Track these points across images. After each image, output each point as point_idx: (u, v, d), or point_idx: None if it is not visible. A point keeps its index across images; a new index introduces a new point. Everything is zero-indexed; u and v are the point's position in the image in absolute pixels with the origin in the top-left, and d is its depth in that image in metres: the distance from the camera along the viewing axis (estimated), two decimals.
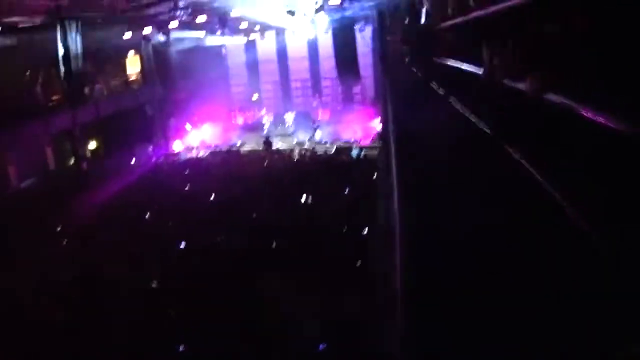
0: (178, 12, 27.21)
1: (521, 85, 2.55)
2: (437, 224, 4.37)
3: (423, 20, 10.08)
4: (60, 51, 23.62)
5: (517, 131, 3.03)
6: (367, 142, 31.38)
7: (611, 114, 1.63)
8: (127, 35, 28.74)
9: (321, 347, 11.20)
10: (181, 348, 12.19)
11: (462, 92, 5.83)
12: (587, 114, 1.80)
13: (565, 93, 2.05)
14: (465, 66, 4.92)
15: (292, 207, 20.33)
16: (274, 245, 16.65)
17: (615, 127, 1.60)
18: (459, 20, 5.78)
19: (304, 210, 19.70)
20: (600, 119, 1.69)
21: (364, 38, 31.93)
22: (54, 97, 26.63)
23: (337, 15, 30.41)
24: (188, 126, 36.07)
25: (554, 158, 2.56)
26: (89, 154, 29.66)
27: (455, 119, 6.22)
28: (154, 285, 15.25)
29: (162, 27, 30.32)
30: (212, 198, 22.47)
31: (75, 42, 24.38)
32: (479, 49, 4.27)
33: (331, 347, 11.37)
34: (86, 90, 27.72)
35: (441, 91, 8.12)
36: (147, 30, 29.91)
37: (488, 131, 3.86)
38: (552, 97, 2.18)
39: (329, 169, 25.19)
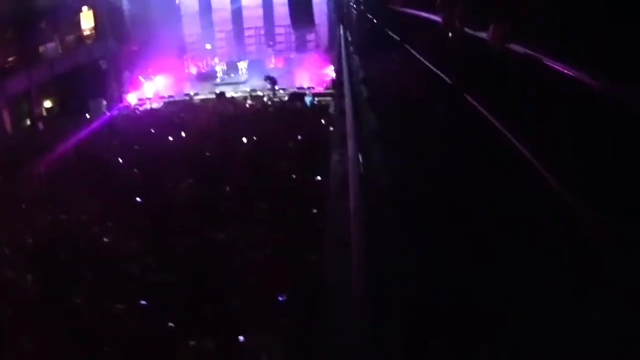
0: None
1: (483, 34, 2.56)
2: (395, 172, 4.43)
3: None
4: (15, 11, 23.18)
5: (478, 80, 3.06)
6: (320, 89, 31.27)
7: (576, 65, 1.67)
8: None
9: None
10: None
11: (420, 39, 5.84)
12: (551, 64, 1.84)
13: (528, 43, 2.08)
14: (423, 14, 4.92)
15: (244, 151, 20.26)
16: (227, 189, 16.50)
17: (579, 78, 1.64)
18: None
19: (255, 155, 19.57)
20: (565, 70, 1.73)
21: None
22: (9, 59, 26.07)
23: None
24: (142, 78, 35.42)
25: (517, 108, 2.61)
26: (45, 113, 29.27)
27: (412, 66, 6.23)
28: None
29: None
30: (166, 146, 22.21)
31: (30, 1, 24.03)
32: None
33: None
34: (41, 49, 27.45)
35: (397, 38, 8.11)
36: None
37: (447, 80, 3.88)
38: (515, 46, 2.21)
39: (282, 115, 25.06)
